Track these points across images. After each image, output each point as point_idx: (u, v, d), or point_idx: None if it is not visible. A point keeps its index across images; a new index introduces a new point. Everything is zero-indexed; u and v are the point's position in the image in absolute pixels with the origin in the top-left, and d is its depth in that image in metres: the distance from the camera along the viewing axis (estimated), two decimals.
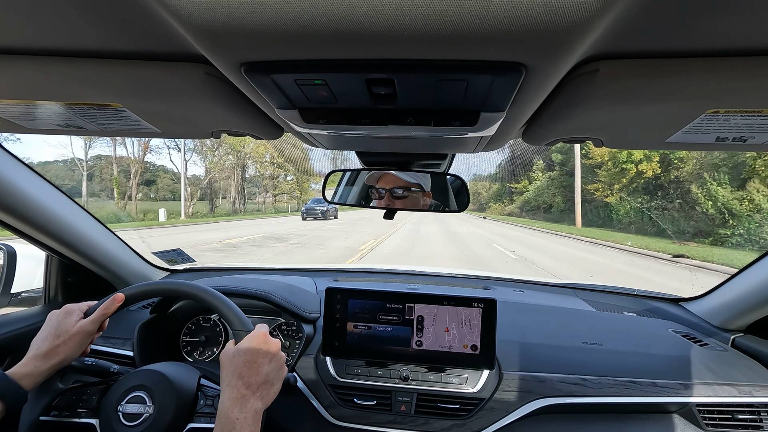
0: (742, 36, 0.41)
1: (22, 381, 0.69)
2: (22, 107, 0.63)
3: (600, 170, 22.16)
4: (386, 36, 0.35)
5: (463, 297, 0.97)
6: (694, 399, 0.91)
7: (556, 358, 1.00)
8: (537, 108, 0.58)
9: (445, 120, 0.55)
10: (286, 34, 0.35)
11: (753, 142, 0.63)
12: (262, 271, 1.67)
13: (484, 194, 47.80)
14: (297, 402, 0.96)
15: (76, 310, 0.78)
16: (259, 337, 0.72)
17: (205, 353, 1.11)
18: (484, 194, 47.56)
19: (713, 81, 0.46)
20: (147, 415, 0.71)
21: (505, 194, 39.75)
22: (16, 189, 0.93)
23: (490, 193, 45.75)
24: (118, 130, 0.73)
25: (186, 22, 0.34)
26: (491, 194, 44.92)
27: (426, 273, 1.70)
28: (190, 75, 0.52)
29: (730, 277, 1.16)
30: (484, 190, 48.28)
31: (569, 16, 0.31)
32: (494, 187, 46.16)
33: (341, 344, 0.99)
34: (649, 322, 1.25)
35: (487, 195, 46.33)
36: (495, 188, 45.25)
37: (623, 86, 0.49)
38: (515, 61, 0.40)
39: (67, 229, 1.08)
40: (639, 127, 0.62)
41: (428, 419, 0.92)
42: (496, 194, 43.51)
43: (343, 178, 1.15)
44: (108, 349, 1.07)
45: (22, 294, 1.28)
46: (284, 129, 0.76)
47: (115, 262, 1.29)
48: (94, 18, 0.41)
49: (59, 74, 0.52)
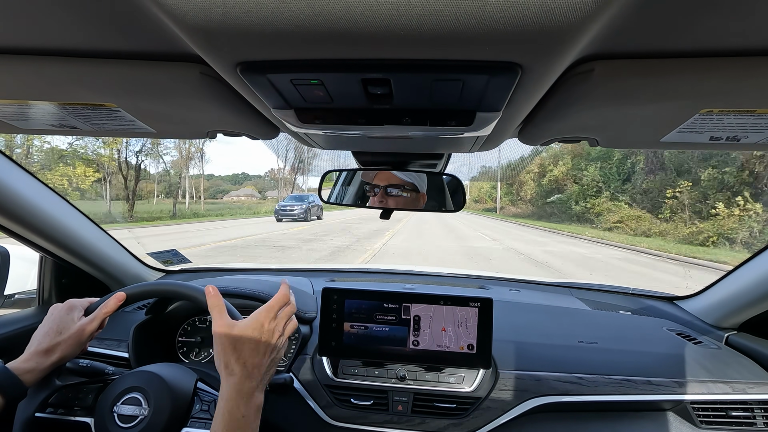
0: (736, 36, 0.41)
1: (24, 376, 0.69)
2: (15, 107, 0.62)
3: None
4: (382, 36, 0.35)
5: (460, 296, 0.97)
6: (689, 396, 0.91)
7: (552, 357, 1.01)
8: (533, 108, 0.58)
9: (441, 120, 0.55)
10: (282, 33, 0.35)
11: (746, 142, 0.63)
12: (258, 271, 1.66)
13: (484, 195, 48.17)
14: (293, 402, 0.96)
15: (78, 306, 0.78)
16: (260, 315, 0.69)
17: (200, 354, 1.11)
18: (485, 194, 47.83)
19: (707, 81, 0.47)
20: (142, 417, 0.71)
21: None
22: (8, 189, 0.92)
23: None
24: (113, 130, 0.72)
25: (181, 21, 0.34)
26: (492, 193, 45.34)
27: (422, 273, 1.70)
28: (185, 75, 0.51)
29: (724, 275, 1.17)
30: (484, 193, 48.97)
31: (565, 16, 0.31)
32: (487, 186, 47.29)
33: (338, 344, 0.99)
34: (643, 320, 1.26)
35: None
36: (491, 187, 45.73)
37: (618, 86, 0.49)
38: (511, 61, 0.40)
39: (60, 230, 1.07)
40: (634, 127, 0.62)
41: (425, 419, 0.92)
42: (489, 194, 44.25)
43: (339, 178, 1.15)
44: (103, 351, 1.06)
45: (16, 296, 1.27)
46: (280, 129, 0.76)
47: (110, 263, 1.28)
48: (88, 17, 0.41)
49: (53, 74, 0.52)
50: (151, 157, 26.31)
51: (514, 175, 38.75)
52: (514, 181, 37.82)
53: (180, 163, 33.60)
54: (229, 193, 76.23)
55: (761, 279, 1.02)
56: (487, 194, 49.31)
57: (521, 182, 35.72)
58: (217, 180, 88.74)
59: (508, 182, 39.62)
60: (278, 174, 49.84)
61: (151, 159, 27.17)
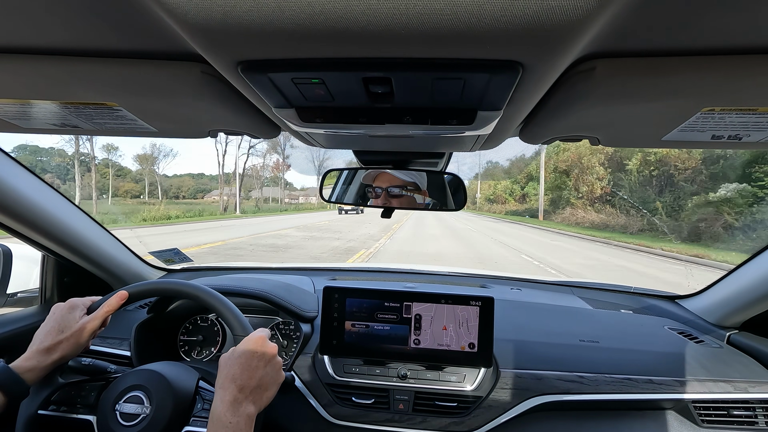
0: (738, 34, 0.41)
1: (26, 375, 0.69)
2: (17, 106, 0.62)
3: None
4: (383, 35, 0.35)
5: (461, 295, 0.97)
6: (690, 396, 0.91)
7: (553, 355, 1.01)
8: (534, 106, 0.58)
9: (442, 119, 0.55)
10: (283, 32, 0.35)
11: (748, 140, 0.63)
12: (259, 270, 1.67)
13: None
14: (295, 401, 0.97)
15: (80, 305, 0.78)
16: (257, 340, 0.71)
17: (202, 353, 1.11)
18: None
19: (709, 79, 0.47)
20: (144, 415, 0.71)
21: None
22: (10, 188, 0.92)
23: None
24: (114, 129, 0.72)
25: (182, 20, 0.34)
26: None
27: (424, 272, 1.70)
28: (187, 74, 0.51)
29: (725, 274, 1.17)
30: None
31: (566, 14, 0.31)
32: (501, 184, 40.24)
33: (339, 343, 0.99)
34: (645, 319, 1.26)
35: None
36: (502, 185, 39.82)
37: (620, 84, 0.49)
38: (512, 60, 0.40)
39: (63, 229, 1.08)
40: (635, 126, 0.62)
41: (426, 417, 0.93)
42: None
43: (341, 177, 1.15)
44: (105, 349, 1.07)
45: (18, 294, 1.28)
46: (281, 128, 0.76)
47: (112, 262, 1.28)
48: (89, 16, 0.41)
49: (54, 73, 0.52)
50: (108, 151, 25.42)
51: (567, 162, 23.96)
52: (567, 169, 24.16)
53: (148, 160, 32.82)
54: (211, 192, 72.75)
55: (763, 278, 1.02)
56: (508, 191, 39.15)
57: (584, 169, 22.30)
58: (205, 179, 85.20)
59: (558, 170, 25.24)
60: (261, 171, 50.53)
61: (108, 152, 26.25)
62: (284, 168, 49.06)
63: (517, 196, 37.19)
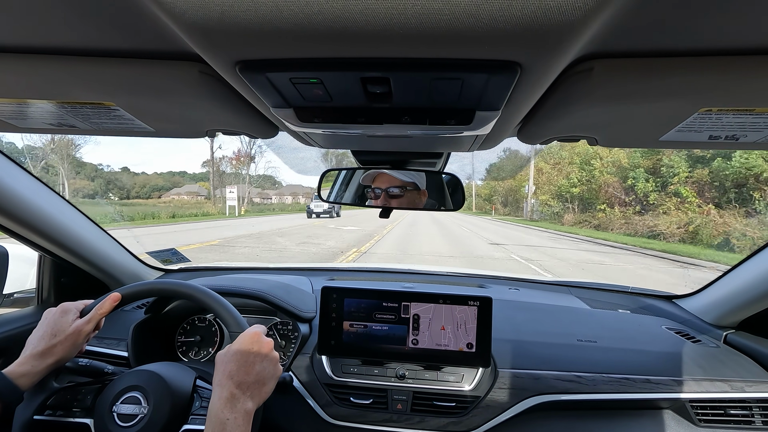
0: (735, 35, 0.41)
1: (19, 380, 0.69)
2: (14, 106, 0.62)
3: None
4: (381, 34, 0.35)
5: (459, 296, 0.97)
6: (688, 395, 0.92)
7: (551, 355, 1.01)
8: (532, 107, 0.58)
9: (440, 119, 0.55)
10: (281, 32, 0.35)
11: (745, 141, 0.63)
12: (257, 270, 1.66)
13: None
14: (293, 401, 0.96)
15: (73, 309, 0.78)
16: (252, 336, 0.71)
17: (200, 353, 1.10)
18: None
19: (706, 80, 0.47)
20: (142, 415, 0.71)
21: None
22: (6, 188, 0.92)
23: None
24: (112, 129, 0.72)
25: (179, 19, 0.34)
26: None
27: (422, 272, 1.70)
28: (184, 73, 0.51)
29: (722, 274, 1.17)
30: None
31: (564, 15, 0.31)
32: None
33: (337, 343, 0.99)
34: (642, 319, 1.26)
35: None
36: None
37: (618, 85, 0.49)
38: (510, 60, 0.40)
39: (59, 229, 1.07)
40: (633, 126, 0.62)
41: (424, 417, 0.93)
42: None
43: (339, 177, 1.14)
44: (102, 350, 1.06)
45: (15, 295, 1.27)
46: (279, 128, 0.76)
47: (109, 262, 1.28)
48: (87, 15, 0.41)
49: (52, 72, 0.51)
50: None
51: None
52: None
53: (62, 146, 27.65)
54: (170, 191, 65.57)
55: (760, 278, 1.02)
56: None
57: None
58: (176, 177, 78.67)
59: None
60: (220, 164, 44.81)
61: None
62: (247, 160, 43.08)
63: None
